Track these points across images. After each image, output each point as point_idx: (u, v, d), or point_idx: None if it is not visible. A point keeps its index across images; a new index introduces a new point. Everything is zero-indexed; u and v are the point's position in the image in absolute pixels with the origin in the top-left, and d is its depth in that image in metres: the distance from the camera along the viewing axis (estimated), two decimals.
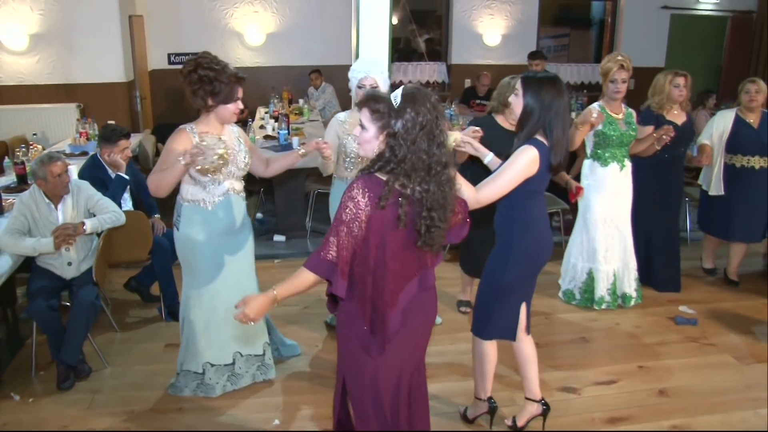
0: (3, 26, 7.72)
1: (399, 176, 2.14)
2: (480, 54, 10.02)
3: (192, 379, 3.55)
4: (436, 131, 2.15)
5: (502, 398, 3.51)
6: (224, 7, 9.44)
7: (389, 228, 2.18)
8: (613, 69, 4.39)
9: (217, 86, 3.08)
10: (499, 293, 3.02)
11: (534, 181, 2.81)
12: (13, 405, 3.52)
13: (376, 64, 3.82)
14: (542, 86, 2.76)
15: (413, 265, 2.33)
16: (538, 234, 2.97)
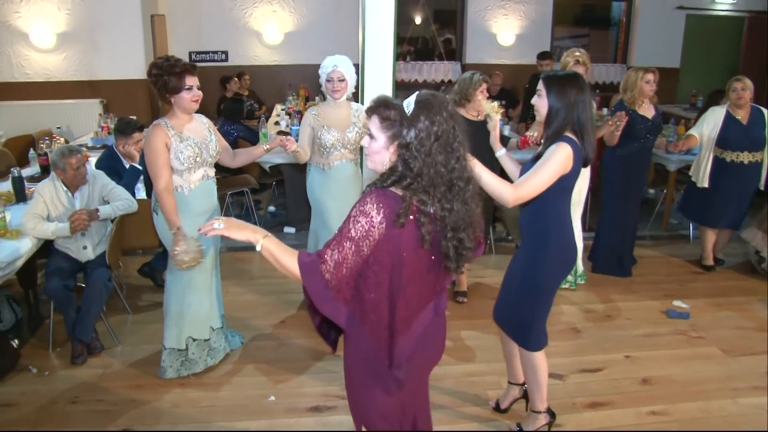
0: (32, 25, 8.09)
1: (417, 192, 1.93)
2: (494, 54, 10.15)
3: (176, 357, 3.76)
4: (454, 143, 1.95)
5: (489, 383, 3.70)
6: (244, 7, 9.69)
7: (408, 249, 1.96)
8: (569, 63, 4.73)
9: (167, 80, 3.35)
10: (542, 297, 2.99)
11: (568, 178, 2.81)
12: (31, 377, 3.79)
13: (344, 61, 4.10)
14: (565, 84, 2.77)
15: (430, 290, 2.13)
16: (570, 230, 2.98)
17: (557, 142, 2.76)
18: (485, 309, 4.70)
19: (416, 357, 2.16)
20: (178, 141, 3.41)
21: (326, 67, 4.08)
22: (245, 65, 9.59)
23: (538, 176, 2.72)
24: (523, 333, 3.06)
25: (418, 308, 2.11)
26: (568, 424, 3.41)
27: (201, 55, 9.73)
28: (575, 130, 2.78)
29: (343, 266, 1.92)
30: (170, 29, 9.54)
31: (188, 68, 3.39)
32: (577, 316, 4.66)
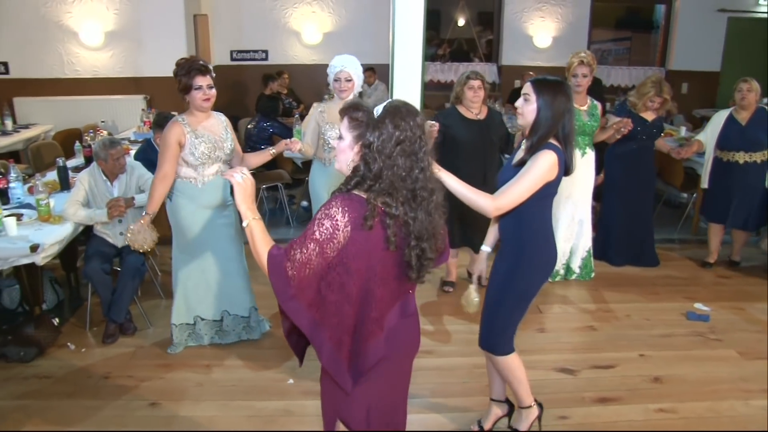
0: (82, 24, 8.47)
1: (380, 194, 1.96)
2: (530, 56, 10.18)
3: (184, 330, 4.05)
4: (419, 153, 1.98)
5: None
6: (284, 7, 9.92)
7: (375, 251, 1.99)
8: (574, 64, 4.88)
9: (180, 79, 3.62)
10: (518, 303, 2.95)
11: (554, 185, 2.77)
12: (68, 353, 4.07)
13: (351, 61, 4.21)
14: (555, 90, 2.68)
15: (395, 292, 2.14)
16: (550, 237, 2.93)
17: (542, 149, 2.69)
18: None
19: (388, 357, 2.15)
20: (193, 137, 3.64)
21: (334, 66, 4.19)
22: (284, 64, 9.81)
23: (522, 185, 2.67)
24: (493, 342, 3.02)
25: (387, 308, 2.11)
26: (575, 416, 3.49)
27: (242, 54, 10.01)
28: (559, 138, 2.72)
29: (306, 267, 1.94)
30: (212, 28, 9.84)
31: (200, 68, 3.61)
32: (594, 314, 4.72)
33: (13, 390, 3.67)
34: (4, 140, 7.22)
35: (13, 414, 3.44)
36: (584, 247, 5.29)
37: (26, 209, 4.34)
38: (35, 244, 3.71)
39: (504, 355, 3.03)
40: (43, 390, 3.66)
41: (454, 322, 4.51)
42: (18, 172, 4.70)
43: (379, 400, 2.23)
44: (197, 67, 3.61)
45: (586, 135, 4.98)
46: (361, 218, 1.94)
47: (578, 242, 5.26)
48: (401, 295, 2.17)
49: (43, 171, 5.70)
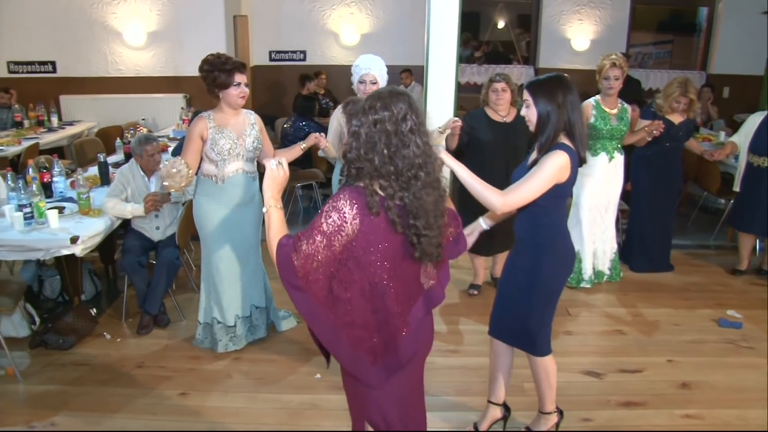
0: (126, 25, 8.72)
1: (373, 179, 1.96)
2: (567, 58, 10.11)
3: (209, 330, 4.07)
4: (403, 130, 1.95)
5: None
6: (323, 9, 10.05)
7: (384, 242, 1.99)
8: (606, 66, 4.74)
9: (217, 75, 3.59)
10: (550, 301, 2.95)
11: (564, 186, 2.72)
12: (104, 342, 4.22)
13: (377, 62, 4.15)
14: (551, 87, 2.66)
15: (416, 284, 2.15)
16: (566, 233, 2.92)
17: (553, 149, 2.66)
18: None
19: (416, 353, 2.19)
20: (215, 133, 3.65)
21: (359, 68, 4.14)
22: (322, 65, 9.93)
23: (531, 184, 2.65)
24: (531, 340, 3.01)
25: (409, 302, 2.11)
26: (599, 419, 3.48)
27: (280, 54, 10.16)
28: (568, 132, 2.69)
29: (313, 259, 1.91)
30: (252, 29, 10.01)
31: (238, 66, 3.62)
32: (623, 319, 4.68)
33: (52, 376, 3.82)
34: (49, 136, 7.47)
35: (50, 398, 3.59)
36: (612, 249, 5.25)
37: (68, 202, 4.51)
38: (75, 236, 3.85)
39: (543, 356, 3.05)
40: (80, 377, 3.80)
41: (480, 321, 4.53)
42: (61, 167, 4.87)
43: (405, 397, 2.24)
44: (238, 64, 3.63)
45: (615, 139, 4.91)
46: (366, 208, 1.93)
47: (605, 246, 5.19)
48: (421, 288, 2.17)
49: (85, 166, 5.88)
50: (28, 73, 8.94)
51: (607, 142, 4.88)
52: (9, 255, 3.94)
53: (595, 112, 4.83)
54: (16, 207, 4.03)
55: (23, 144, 6.78)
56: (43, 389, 3.69)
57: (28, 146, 6.68)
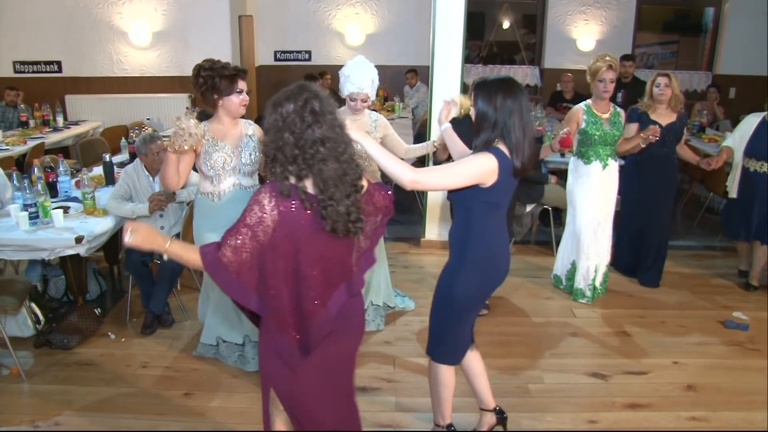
0: (131, 25, 8.73)
1: (285, 168, 2.08)
2: (573, 59, 10.08)
3: (208, 350, 3.95)
4: (305, 118, 2.06)
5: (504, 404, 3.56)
6: (328, 9, 10.05)
7: (301, 231, 2.09)
8: (601, 69, 4.46)
9: (217, 81, 3.32)
10: (453, 312, 2.82)
11: (494, 192, 2.62)
12: (109, 342, 4.22)
13: (368, 77, 3.83)
14: (492, 89, 2.59)
15: (336, 271, 2.23)
16: (494, 250, 2.76)
17: (484, 151, 2.59)
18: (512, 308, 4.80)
19: (334, 336, 2.27)
20: (210, 146, 3.41)
21: (351, 84, 3.83)
22: (327, 65, 9.91)
23: (447, 171, 2.58)
24: (430, 341, 2.94)
25: (329, 288, 2.21)
26: (604, 421, 3.47)
27: (285, 54, 10.17)
28: (503, 137, 2.59)
29: (242, 251, 2.08)
30: (257, 29, 10.02)
31: (240, 72, 3.40)
32: (628, 319, 4.66)
33: (56, 375, 3.82)
34: (55, 136, 7.49)
35: (54, 397, 3.59)
36: (605, 263, 4.92)
37: (73, 202, 4.52)
38: (80, 236, 3.86)
39: (438, 362, 2.94)
40: (84, 377, 3.80)
41: (486, 323, 4.51)
42: (66, 167, 4.87)
43: (323, 380, 2.33)
44: (239, 70, 3.40)
45: (608, 145, 4.61)
46: (281, 195, 2.07)
47: (601, 261, 4.88)
48: (345, 273, 2.26)
49: (91, 166, 5.89)
50: (34, 72, 8.96)
51: (600, 149, 4.61)
52: (14, 255, 3.96)
53: (586, 117, 4.57)
54: (22, 207, 4.04)
55: (29, 144, 6.79)
56: (48, 388, 3.69)
57: (33, 146, 6.70)
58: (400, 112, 8.95)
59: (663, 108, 4.83)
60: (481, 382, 3.13)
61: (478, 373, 3.11)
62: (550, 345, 4.25)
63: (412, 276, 5.34)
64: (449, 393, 3.01)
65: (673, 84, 4.76)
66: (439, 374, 2.96)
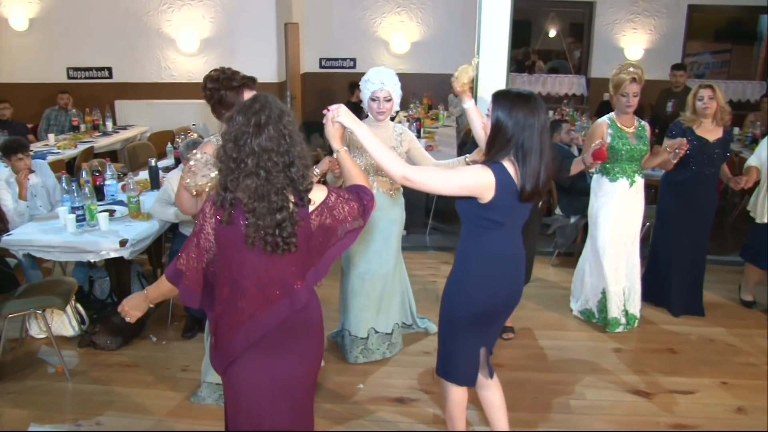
0: (180, 31, 8.91)
1: (224, 179, 2.07)
2: None
3: (214, 390, 3.56)
4: (248, 131, 2.01)
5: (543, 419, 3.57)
6: (373, 17, 10.09)
7: (231, 241, 2.10)
8: (625, 81, 4.17)
9: (223, 94, 3.12)
10: (453, 327, 2.71)
11: (491, 209, 2.49)
12: (150, 344, 4.29)
13: (390, 76, 3.69)
14: (514, 103, 2.45)
15: (274, 285, 2.13)
16: (495, 275, 2.61)
17: (485, 164, 2.48)
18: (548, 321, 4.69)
19: (276, 354, 2.17)
20: None
21: (370, 83, 3.67)
22: None
23: (440, 175, 2.49)
24: (438, 357, 2.82)
25: (265, 302, 2.13)
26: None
27: (330, 61, 10.24)
28: (516, 157, 2.46)
29: (191, 257, 2.19)
30: (302, 36, 10.12)
31: (247, 82, 3.18)
32: (674, 336, 4.52)
33: (98, 375, 3.90)
34: (104, 140, 7.67)
35: (96, 397, 3.67)
36: (637, 287, 4.56)
37: (119, 206, 4.61)
38: (124, 239, 3.93)
39: (442, 377, 2.83)
40: (126, 378, 3.87)
41: (525, 335, 4.45)
42: (113, 171, 4.97)
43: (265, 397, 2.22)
44: (246, 80, 3.18)
45: (635, 161, 4.31)
46: (218, 207, 2.10)
47: (633, 284, 4.54)
48: (284, 289, 2.15)
49: (137, 170, 6.00)
50: (85, 78, 9.20)
51: (626, 165, 4.30)
52: (61, 256, 4.06)
53: (611, 131, 4.26)
54: (70, 209, 4.14)
55: (79, 147, 6.97)
56: (90, 388, 3.77)
57: (83, 150, 6.87)
58: (444, 121, 8.93)
59: (708, 122, 4.46)
60: (497, 415, 2.93)
61: (495, 404, 2.92)
62: (591, 360, 4.16)
63: None
64: (459, 412, 2.89)
65: (717, 96, 4.39)
66: (448, 392, 2.85)
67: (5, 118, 7.38)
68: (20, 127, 7.43)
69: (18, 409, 3.58)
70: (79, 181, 4.57)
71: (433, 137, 7.48)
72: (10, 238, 4.04)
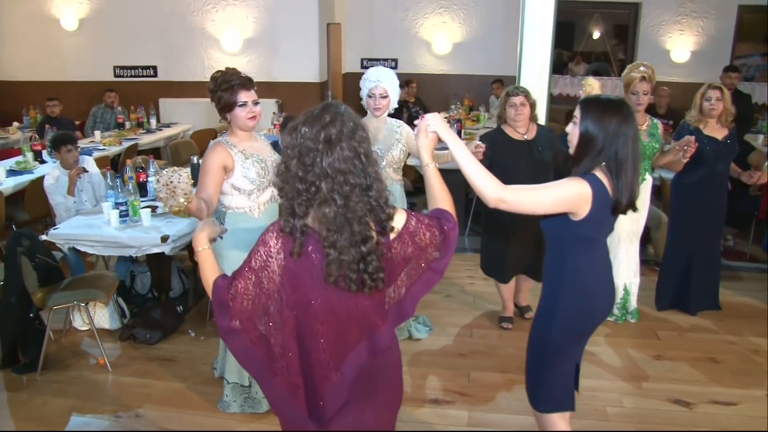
0: (223, 31, 9.05)
1: (291, 203, 1.77)
2: (666, 71, 9.67)
3: (239, 392, 3.50)
4: (317, 148, 1.74)
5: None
6: (415, 18, 10.08)
7: (306, 278, 1.78)
8: (635, 80, 4.25)
9: (220, 96, 3.12)
10: (549, 357, 2.56)
11: (586, 225, 2.35)
12: (189, 339, 4.35)
13: (387, 74, 3.80)
14: (605, 111, 2.31)
15: (354, 327, 1.86)
16: (592, 292, 2.49)
17: (578, 176, 2.33)
18: None
19: (356, 406, 1.91)
20: (243, 159, 3.15)
21: (368, 80, 3.79)
22: (413, 73, 9.94)
23: (539, 192, 2.32)
24: (531, 390, 2.66)
25: (345, 348, 1.85)
26: None
27: (372, 62, 10.24)
28: (609, 168, 2.33)
29: (244, 298, 1.80)
30: (344, 37, 10.17)
31: (244, 82, 3.14)
32: (717, 345, 4.40)
33: (138, 368, 3.98)
34: (148, 138, 7.82)
35: (136, 390, 3.74)
36: (638, 283, 4.63)
37: (161, 202, 4.66)
38: (165, 235, 3.99)
39: (543, 412, 2.65)
40: (164, 372, 3.94)
41: None
42: (157, 168, 5.06)
43: None
44: (240, 80, 3.14)
45: (647, 159, 4.32)
46: (288, 237, 1.78)
47: (633, 281, 4.61)
48: (366, 330, 1.87)
49: (180, 167, 6.08)
50: (131, 77, 9.43)
51: None
52: (104, 250, 4.15)
53: None
54: (113, 205, 4.23)
55: (123, 144, 7.12)
56: (130, 381, 3.84)
57: (127, 147, 7.02)
58: (485, 122, 8.87)
59: (713, 122, 4.46)
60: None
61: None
62: (630, 367, 4.08)
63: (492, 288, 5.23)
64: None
65: (725, 97, 4.42)
66: (554, 424, 2.63)
67: (54, 115, 7.58)
68: (68, 123, 7.61)
69: (61, 399, 3.68)
70: (123, 177, 4.65)
71: (474, 139, 7.43)
72: (56, 232, 4.15)
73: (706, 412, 3.64)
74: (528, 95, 4.16)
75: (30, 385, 3.84)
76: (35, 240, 3.97)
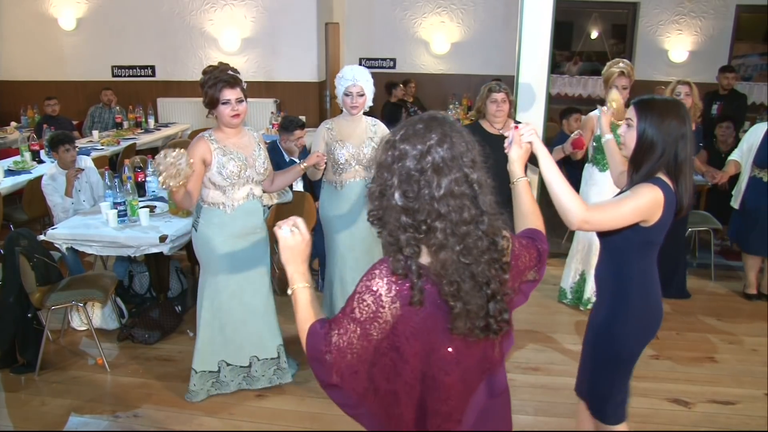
0: (221, 31, 9.03)
1: (395, 236, 1.51)
2: (664, 70, 9.70)
3: (207, 379, 3.59)
4: (424, 170, 1.48)
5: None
6: (414, 17, 10.06)
7: (434, 329, 1.54)
8: (614, 74, 4.36)
9: (206, 92, 3.23)
10: (620, 367, 2.52)
11: (654, 230, 2.32)
12: (187, 339, 4.32)
13: (362, 72, 3.82)
14: (664, 112, 2.27)
15: (475, 370, 1.63)
16: (655, 294, 2.48)
17: (647, 182, 2.28)
18: None
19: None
20: (221, 155, 3.26)
21: (344, 79, 3.81)
22: (412, 73, 9.95)
23: (621, 208, 2.24)
24: (599, 404, 2.60)
25: (466, 394, 1.62)
26: None
27: (370, 61, 10.23)
28: (670, 171, 2.30)
29: (347, 352, 1.52)
30: (343, 36, 10.15)
31: (227, 80, 3.21)
32: (717, 345, 4.41)
33: (136, 369, 3.97)
34: (146, 137, 7.82)
35: (134, 390, 3.74)
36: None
37: (159, 202, 4.68)
38: (164, 235, 3.99)
39: (612, 425, 2.60)
40: (163, 372, 3.93)
41: (566, 340, 4.39)
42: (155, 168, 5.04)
43: None
44: (225, 78, 3.21)
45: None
46: (402, 280, 1.50)
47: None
48: (485, 371, 1.66)
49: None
50: (129, 77, 9.40)
51: (602, 155, 4.40)
52: (103, 250, 4.14)
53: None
54: (112, 204, 4.22)
55: (122, 144, 7.12)
56: (128, 381, 3.84)
57: (126, 146, 7.01)
58: None
59: None
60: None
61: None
62: None
63: None
64: None
65: (693, 93, 4.61)
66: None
67: (53, 114, 7.57)
68: (66, 123, 7.60)
69: (59, 399, 3.68)
70: (122, 177, 4.65)
71: None
72: (54, 232, 4.14)
73: (705, 411, 3.65)
74: (509, 92, 4.21)
75: (28, 386, 3.83)
76: (33, 240, 3.96)
